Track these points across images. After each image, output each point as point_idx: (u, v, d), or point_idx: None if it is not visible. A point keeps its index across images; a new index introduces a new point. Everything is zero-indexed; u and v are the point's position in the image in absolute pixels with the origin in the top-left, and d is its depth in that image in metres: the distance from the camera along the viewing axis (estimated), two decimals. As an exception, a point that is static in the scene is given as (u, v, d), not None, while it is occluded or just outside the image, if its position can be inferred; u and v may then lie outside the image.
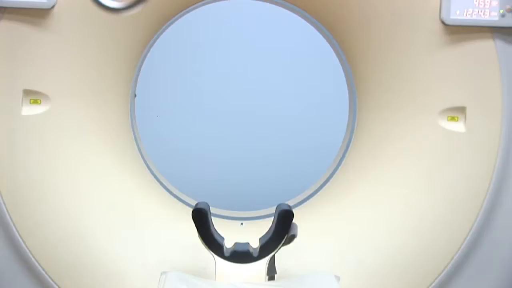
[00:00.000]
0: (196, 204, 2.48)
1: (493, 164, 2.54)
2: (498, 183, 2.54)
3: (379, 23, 2.58)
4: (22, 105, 2.55)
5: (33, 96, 2.55)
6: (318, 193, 2.80)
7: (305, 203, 2.79)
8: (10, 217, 2.54)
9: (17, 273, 2.56)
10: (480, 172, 2.55)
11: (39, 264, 2.55)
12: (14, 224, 2.54)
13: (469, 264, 2.56)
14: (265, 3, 2.77)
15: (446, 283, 2.58)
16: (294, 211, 2.47)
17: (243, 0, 2.79)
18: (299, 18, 2.79)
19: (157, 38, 2.73)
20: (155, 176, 2.78)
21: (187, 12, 2.70)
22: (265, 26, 4.04)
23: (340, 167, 2.78)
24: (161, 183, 2.79)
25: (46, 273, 2.55)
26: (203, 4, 2.70)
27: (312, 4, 2.65)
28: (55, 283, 2.56)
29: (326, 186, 2.80)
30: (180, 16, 2.71)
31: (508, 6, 2.49)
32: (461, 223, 2.56)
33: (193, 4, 2.67)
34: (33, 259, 2.55)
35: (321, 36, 2.81)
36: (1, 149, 2.52)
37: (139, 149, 2.76)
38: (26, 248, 2.55)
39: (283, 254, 2.48)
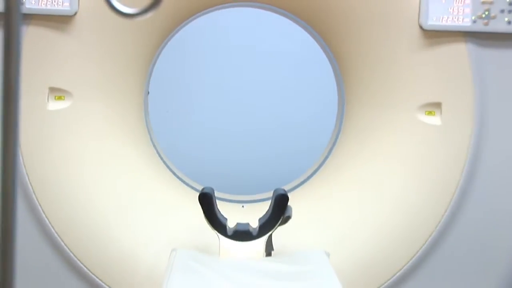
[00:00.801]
0: (202, 189, 2.48)
1: (465, 154, 2.55)
2: (470, 170, 2.55)
3: (364, 28, 2.58)
4: (48, 101, 2.55)
5: (57, 93, 2.56)
6: (310, 179, 2.81)
7: (299, 188, 2.80)
8: (37, 200, 2.55)
9: (43, 251, 2.57)
10: (454, 161, 2.56)
11: (64, 243, 2.56)
12: (40, 206, 2.55)
13: (443, 243, 2.57)
14: (262, 10, 2.78)
15: (423, 260, 2.58)
16: (289, 195, 2.49)
17: (240, 8, 2.78)
18: (293, 23, 2.79)
19: (168, 41, 2.74)
20: (166, 164, 2.79)
21: (194, 18, 2.71)
22: (262, 31, 4.04)
23: (330, 156, 2.79)
24: (172, 170, 2.80)
25: (70, 251, 2.56)
26: (208, 12, 2.71)
27: (305, 10, 2.65)
28: (77, 258, 2.56)
29: (317, 173, 2.80)
30: (188, 22, 2.72)
31: (479, 13, 2.50)
32: (437, 205, 2.57)
33: (199, 12, 2.68)
34: (58, 237, 2.56)
35: (314, 41, 2.81)
36: (30, 141, 2.54)
37: (151, 140, 2.77)
38: (52, 228, 2.56)
39: (279, 233, 2.49)
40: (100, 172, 2.59)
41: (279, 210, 2.47)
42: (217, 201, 2.48)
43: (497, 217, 2.57)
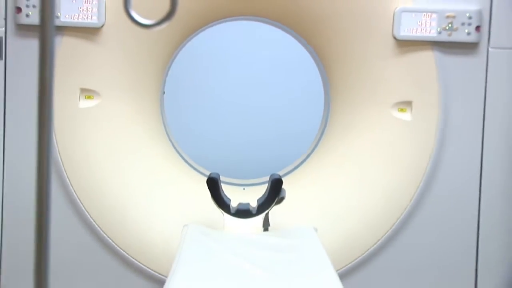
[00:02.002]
0: (210, 174, 2.49)
1: (432, 144, 2.55)
2: (436, 158, 2.55)
3: (346, 38, 2.58)
4: (79, 100, 2.55)
5: (87, 93, 2.56)
6: (301, 166, 2.80)
7: (291, 173, 2.79)
8: (70, 182, 2.55)
9: (74, 225, 2.58)
10: (422, 150, 2.56)
11: (92, 218, 2.57)
12: (73, 187, 2.56)
13: (414, 219, 2.57)
14: (258, 23, 2.78)
15: (397, 233, 2.59)
16: (283, 179, 2.49)
17: (238, 22, 2.78)
18: (287, 35, 2.78)
19: (180, 49, 2.74)
20: (179, 153, 2.78)
21: (201, 31, 2.72)
22: (260, 40, 4.02)
23: (318, 146, 2.78)
24: (184, 158, 2.79)
25: (98, 225, 2.57)
26: (212, 26, 2.72)
27: (297, 23, 2.65)
28: (104, 232, 2.57)
29: (307, 160, 2.80)
30: (196, 35, 2.72)
31: (443, 26, 2.49)
32: (408, 186, 2.57)
33: (203, 26, 2.68)
34: (87, 214, 2.56)
35: (304, 49, 2.80)
36: (64, 133, 2.54)
37: (167, 133, 2.76)
38: (82, 206, 2.56)
39: (275, 212, 2.49)
40: (123, 159, 2.59)
41: (274, 192, 2.47)
42: (222, 184, 2.49)
43: (458, 195, 2.58)
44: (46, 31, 1.05)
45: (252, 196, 2.55)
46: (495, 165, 2.56)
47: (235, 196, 2.55)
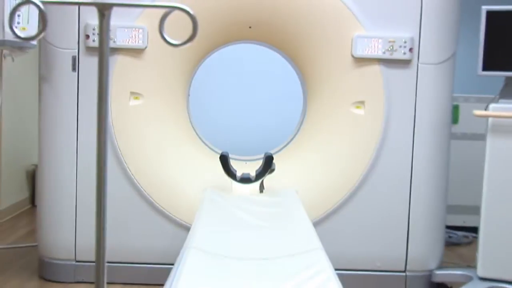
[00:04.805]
0: (221, 152, 2.50)
1: (379, 132, 2.55)
2: (381, 141, 2.56)
3: (320, 56, 2.57)
4: (129, 100, 2.54)
5: (135, 95, 2.55)
6: (287, 146, 2.80)
7: (280, 152, 2.79)
8: (123, 156, 2.55)
9: (124, 188, 2.57)
10: (372, 135, 2.56)
11: (138, 182, 2.56)
12: (124, 159, 2.55)
13: (368, 181, 2.58)
14: (255, 45, 2.76)
15: (355, 192, 2.59)
16: (274, 156, 2.51)
17: (240, 44, 2.76)
18: (276, 53, 2.77)
19: (201, 63, 2.73)
20: (199, 137, 2.77)
21: (214, 52, 2.71)
22: (258, 56, 3.98)
23: (298, 132, 2.77)
24: (203, 141, 2.78)
25: (141, 186, 2.56)
26: (224, 46, 2.71)
27: (285, 46, 2.64)
28: (147, 193, 2.56)
29: (291, 142, 2.79)
30: (213, 53, 2.72)
31: (387, 47, 2.49)
32: (363, 158, 2.57)
33: (215, 48, 2.68)
34: (134, 178, 2.56)
35: (287, 63, 2.78)
36: (119, 123, 2.54)
37: (191, 123, 2.75)
38: (130, 173, 2.55)
39: (268, 179, 2.49)
40: (160, 141, 2.58)
41: (267, 165, 2.47)
42: (230, 159, 2.49)
43: (397, 168, 2.58)
44: (103, 51, 1.05)
45: (251, 168, 2.55)
46: (422, 146, 2.57)
47: (240, 168, 2.55)
